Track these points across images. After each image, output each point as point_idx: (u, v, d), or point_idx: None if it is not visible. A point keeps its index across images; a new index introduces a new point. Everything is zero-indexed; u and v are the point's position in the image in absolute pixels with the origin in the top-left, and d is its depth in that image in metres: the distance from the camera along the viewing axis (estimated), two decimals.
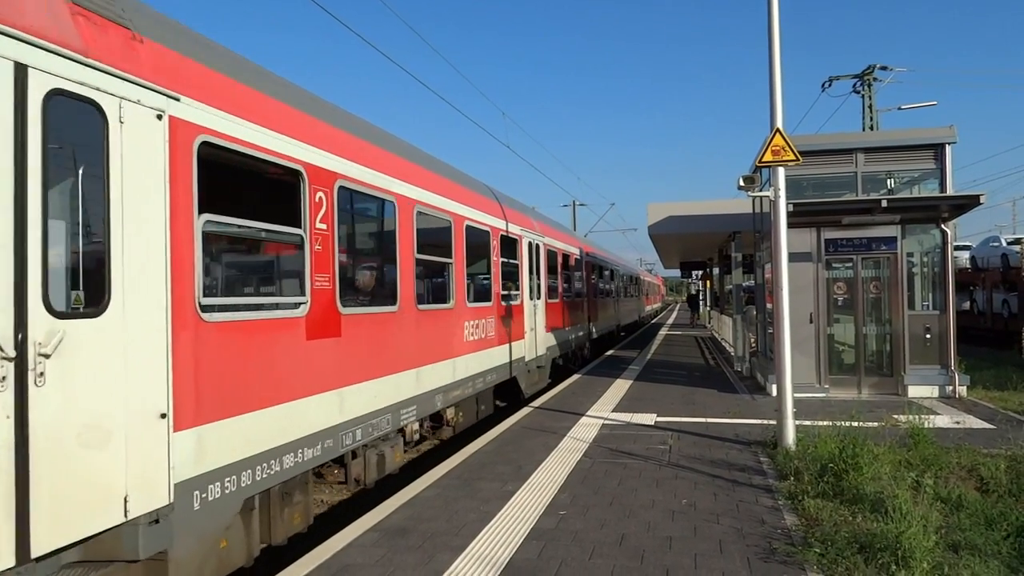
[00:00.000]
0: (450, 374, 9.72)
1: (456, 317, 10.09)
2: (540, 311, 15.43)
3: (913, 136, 13.44)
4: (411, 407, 8.42)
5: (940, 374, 12.89)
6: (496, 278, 12.06)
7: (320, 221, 6.59)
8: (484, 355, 11.34)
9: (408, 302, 8.40)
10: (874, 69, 25.85)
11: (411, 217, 8.70)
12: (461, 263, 10.31)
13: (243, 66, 6.08)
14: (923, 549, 5.05)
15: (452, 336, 9.90)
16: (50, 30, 3.90)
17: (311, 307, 6.35)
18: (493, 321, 11.78)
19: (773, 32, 8.74)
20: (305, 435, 6.20)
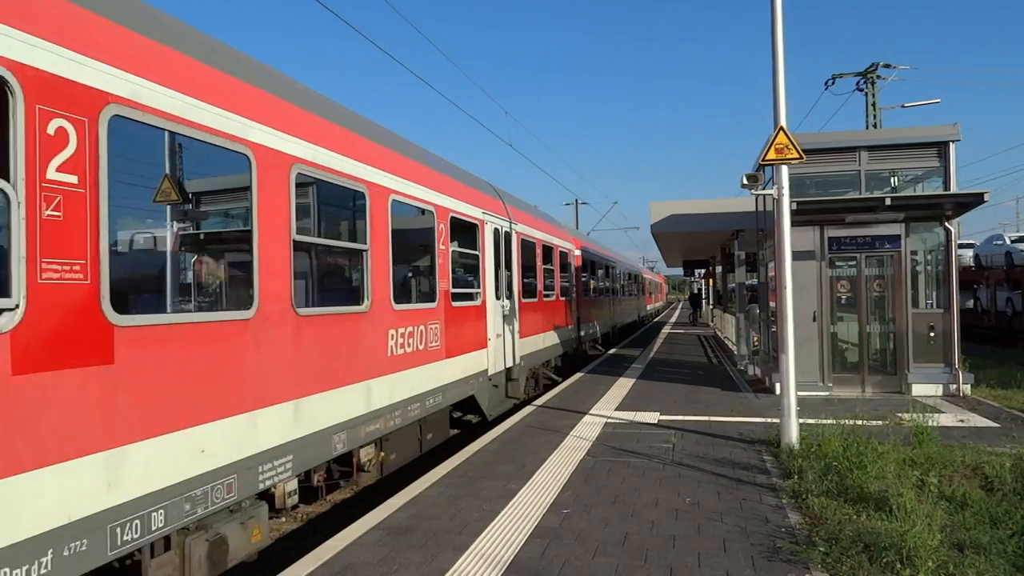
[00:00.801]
0: (363, 402, 7.26)
1: (373, 323, 7.59)
2: (512, 313, 13.15)
3: (917, 134, 13.40)
4: (282, 458, 5.85)
5: (944, 372, 12.85)
6: (443, 272, 9.64)
7: (60, 169, 4.02)
8: (426, 372, 8.93)
9: (276, 304, 5.85)
10: (877, 67, 25.79)
11: (284, 181, 6.08)
12: (383, 251, 7.85)
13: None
14: (928, 548, 5.04)
15: (366, 350, 7.41)
16: None
17: (26, 316, 3.76)
18: (439, 327, 9.39)
19: (777, 30, 8.72)
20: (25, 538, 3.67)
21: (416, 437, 9.21)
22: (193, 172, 5.46)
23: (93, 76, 4.27)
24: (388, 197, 8.05)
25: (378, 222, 7.81)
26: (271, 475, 5.75)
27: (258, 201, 5.69)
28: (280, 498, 6.30)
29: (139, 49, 4.72)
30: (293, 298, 6.10)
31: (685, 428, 10.23)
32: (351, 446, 7.09)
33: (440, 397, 9.40)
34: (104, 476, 4.17)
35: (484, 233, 11.53)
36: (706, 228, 21.91)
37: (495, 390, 12.09)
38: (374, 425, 7.54)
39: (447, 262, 9.81)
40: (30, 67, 3.86)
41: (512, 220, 13.42)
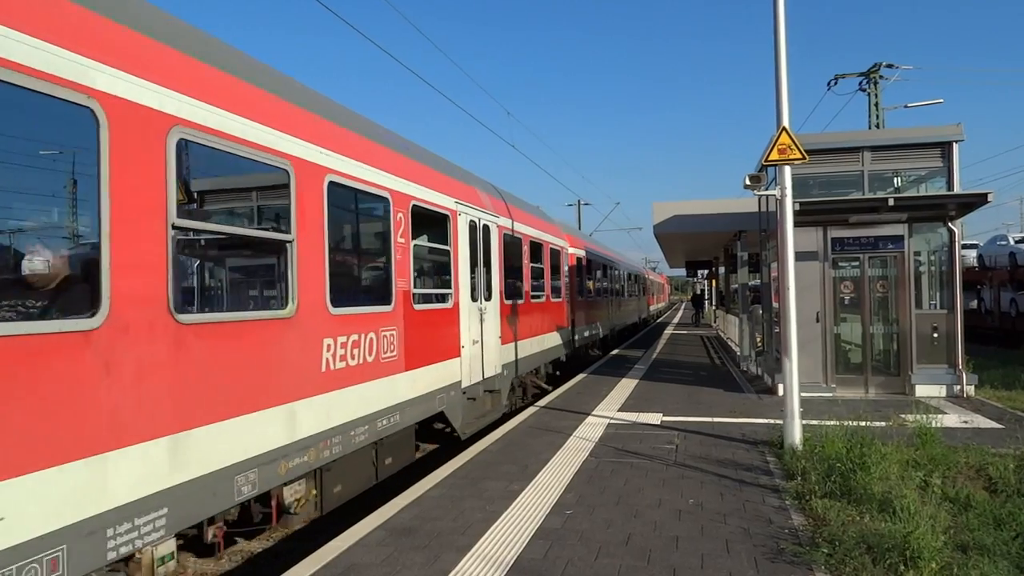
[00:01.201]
0: (284, 430, 5.88)
1: (301, 332, 6.17)
2: (492, 317, 11.62)
3: (920, 134, 13.39)
4: (150, 514, 4.50)
5: (948, 373, 12.83)
6: (402, 269, 8.23)
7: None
8: (377, 388, 7.55)
9: (141, 309, 4.52)
10: (880, 67, 25.75)
11: (156, 150, 4.72)
12: (315, 244, 6.45)
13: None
14: (931, 549, 5.03)
15: (289, 365, 6.01)
16: None
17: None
18: (396, 334, 8.02)
19: (779, 31, 8.71)
20: None
21: (370, 462, 7.86)
22: None
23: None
24: (323, 178, 6.64)
25: (308, 208, 6.36)
26: (129, 538, 4.34)
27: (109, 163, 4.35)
28: (147, 567, 4.73)
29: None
30: (171, 301, 4.74)
31: (688, 429, 10.22)
32: (266, 486, 5.66)
33: (397, 417, 8.00)
34: None
35: (457, 226, 10.07)
36: (709, 229, 21.90)
37: (471, 404, 10.69)
38: (302, 457, 6.12)
39: (407, 258, 8.36)
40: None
41: (493, 213, 11.94)
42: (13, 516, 3.60)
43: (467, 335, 10.34)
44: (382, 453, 8.08)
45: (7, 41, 3.70)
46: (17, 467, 3.63)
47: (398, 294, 8.12)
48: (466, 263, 10.43)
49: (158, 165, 4.70)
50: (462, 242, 10.30)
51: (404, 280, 8.31)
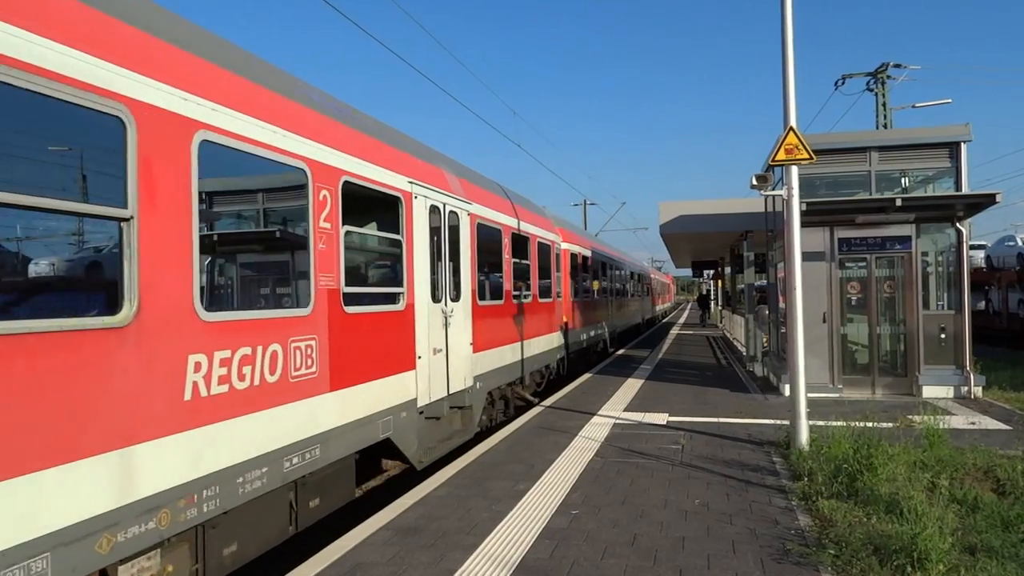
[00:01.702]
0: (114, 486, 4.19)
1: (146, 346, 4.46)
2: (460, 320, 9.87)
3: (928, 134, 13.34)
4: None
5: (955, 374, 12.78)
6: (327, 262, 6.46)
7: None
8: (286, 416, 5.81)
9: None
10: (888, 67, 25.68)
11: None
12: (175, 222, 4.78)
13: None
14: (939, 551, 5.01)
15: (123, 394, 4.27)
16: None
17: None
18: (316, 345, 6.26)
19: (787, 31, 8.69)
20: None
21: (285, 508, 6.14)
22: None
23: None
24: (191, 135, 4.93)
25: (160, 174, 4.64)
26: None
27: None
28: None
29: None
30: None
31: (694, 429, 10.21)
32: (88, 570, 4.00)
33: (318, 450, 6.23)
34: None
35: (411, 211, 8.35)
36: (715, 229, 21.85)
37: (432, 426, 9.05)
38: (146, 523, 4.40)
39: (336, 248, 6.63)
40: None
41: (464, 199, 10.16)
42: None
43: (425, 343, 8.64)
44: (304, 495, 6.38)
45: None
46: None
47: (320, 294, 6.34)
48: (424, 257, 8.66)
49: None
50: (419, 231, 8.56)
51: (330, 276, 6.52)
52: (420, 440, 8.52)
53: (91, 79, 4.13)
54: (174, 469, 4.66)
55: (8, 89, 3.71)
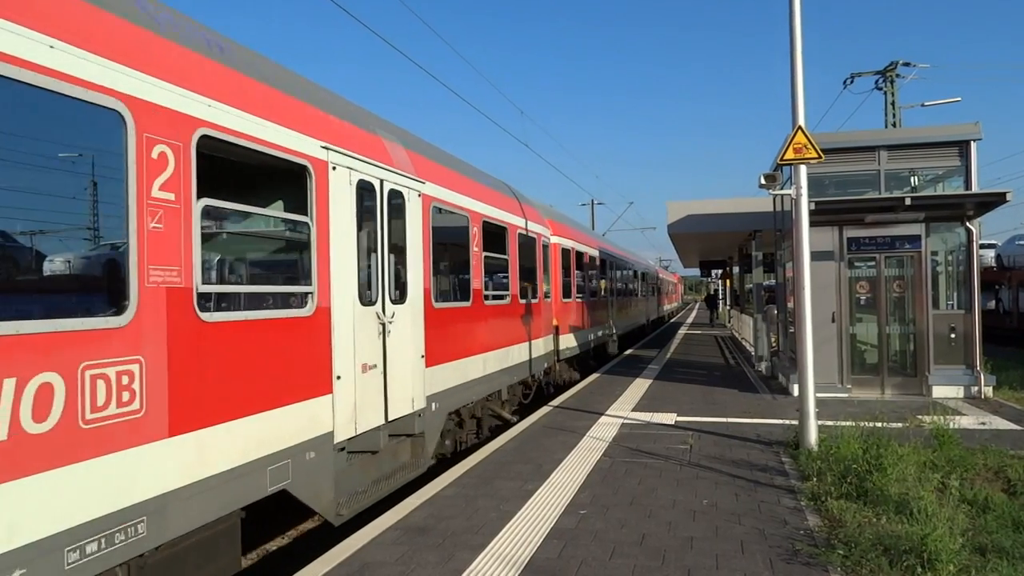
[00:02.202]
0: None
1: None
2: (407, 327, 7.87)
3: (937, 133, 13.29)
4: None
5: (965, 374, 12.72)
6: (163, 250, 4.55)
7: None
8: (70, 483, 3.78)
9: None
10: (897, 65, 25.55)
11: None
12: None
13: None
14: (949, 551, 4.99)
15: None
16: None
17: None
18: (142, 372, 4.29)
19: (795, 31, 8.67)
20: None
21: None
22: None
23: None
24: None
25: None
26: None
27: None
28: None
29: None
30: None
31: (702, 429, 10.19)
32: None
33: (142, 526, 4.22)
34: None
35: (325, 185, 6.35)
36: (723, 228, 21.79)
37: (360, 464, 7.11)
38: None
39: (179, 231, 4.66)
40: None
41: (412, 175, 8.18)
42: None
43: (348, 357, 6.60)
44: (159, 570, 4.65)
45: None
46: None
47: (149, 295, 4.36)
48: (347, 246, 6.63)
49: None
50: (339, 213, 6.54)
51: (170, 270, 4.57)
52: (339, 485, 6.50)
53: None
54: None
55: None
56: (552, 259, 15.55)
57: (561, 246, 16.59)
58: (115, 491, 4.08)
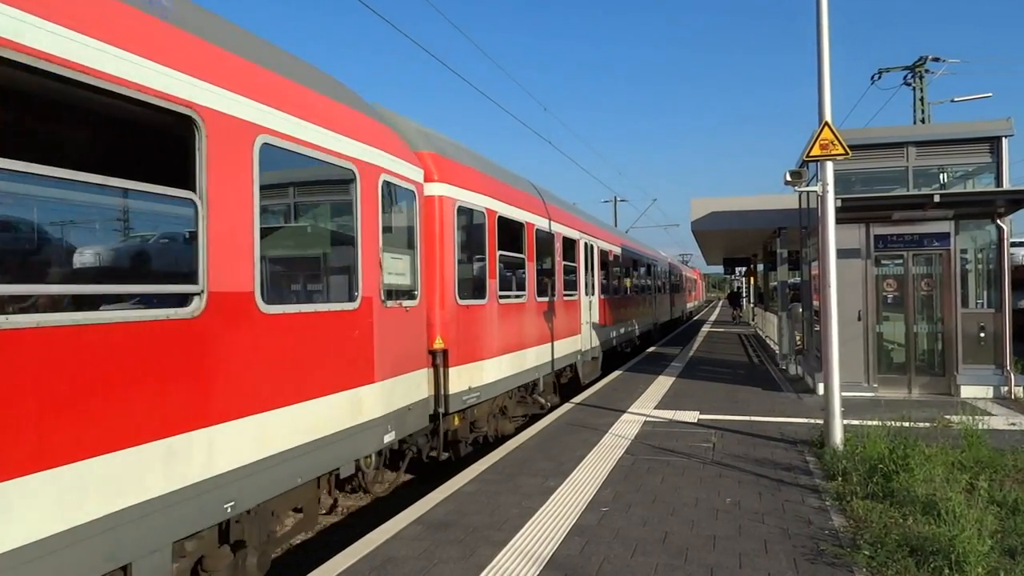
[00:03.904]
0: None
1: None
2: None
3: (967, 129, 13.07)
4: None
5: (995, 374, 12.52)
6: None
7: None
8: None
9: None
10: (926, 60, 25.20)
11: None
12: None
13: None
14: (978, 553, 4.91)
15: None
16: None
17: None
18: None
19: (822, 25, 8.56)
20: None
21: None
22: None
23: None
24: None
25: None
26: None
27: None
28: None
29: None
30: None
31: (725, 428, 10.12)
32: None
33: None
34: None
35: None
36: (748, 226, 21.62)
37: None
38: None
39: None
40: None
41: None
42: None
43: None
44: None
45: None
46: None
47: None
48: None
49: None
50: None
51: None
52: None
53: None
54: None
55: None
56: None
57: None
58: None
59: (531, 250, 11.88)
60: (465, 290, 9.18)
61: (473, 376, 9.18)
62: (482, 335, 9.58)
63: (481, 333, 9.55)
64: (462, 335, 8.94)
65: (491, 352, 9.83)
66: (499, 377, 10.07)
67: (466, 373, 8.99)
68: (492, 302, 9.94)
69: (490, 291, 9.83)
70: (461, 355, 8.88)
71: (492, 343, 9.88)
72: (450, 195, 8.85)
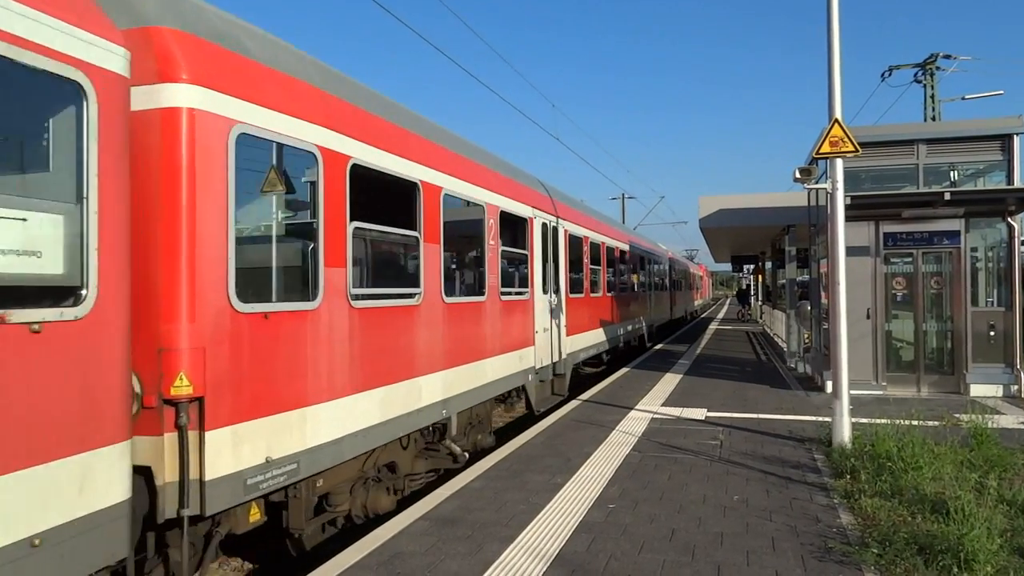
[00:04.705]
0: None
1: None
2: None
3: (978, 126, 13.00)
4: None
5: (1004, 373, 12.46)
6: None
7: None
8: None
9: None
10: (937, 58, 25.01)
11: None
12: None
13: None
14: (987, 552, 4.90)
15: None
16: None
17: None
18: None
19: (832, 21, 8.53)
20: None
21: None
22: None
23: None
24: None
25: None
26: None
27: None
28: None
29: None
30: None
31: (733, 425, 10.10)
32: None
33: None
34: None
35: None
36: (756, 223, 21.57)
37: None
38: None
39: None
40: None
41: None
42: None
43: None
44: None
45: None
46: None
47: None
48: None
49: None
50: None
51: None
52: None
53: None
54: None
55: None
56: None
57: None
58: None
59: (432, 227, 7.92)
60: (258, 285, 5.39)
61: (278, 439, 5.31)
62: (309, 364, 5.71)
63: (304, 361, 5.66)
64: (245, 368, 5.02)
65: (331, 390, 6.00)
66: (351, 430, 6.25)
67: (257, 435, 5.10)
68: (334, 305, 6.10)
69: (327, 287, 5.97)
70: (240, 405, 4.95)
71: (335, 375, 6.08)
72: (214, 109, 4.86)
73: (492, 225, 9.78)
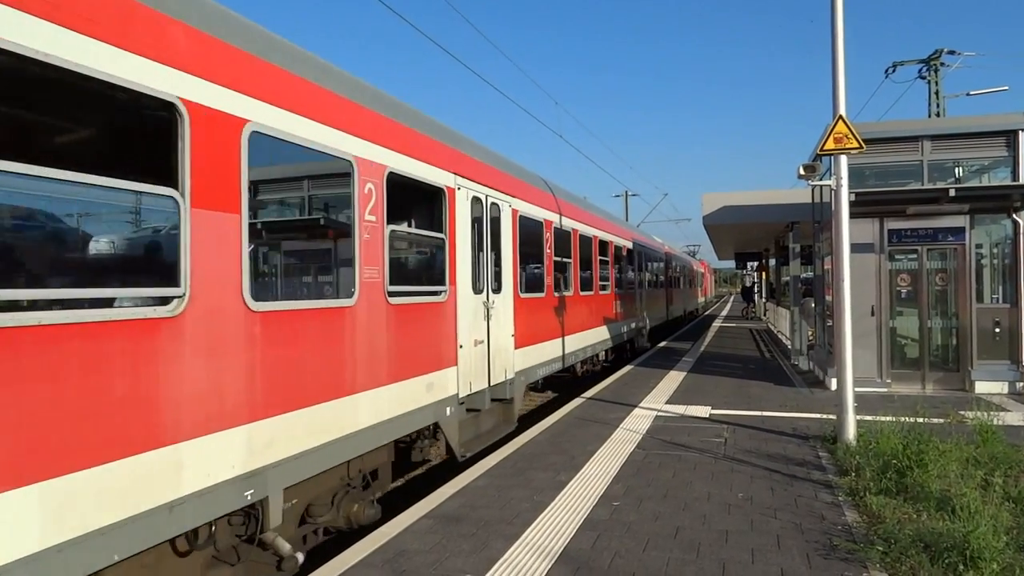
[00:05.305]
0: None
1: None
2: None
3: (983, 123, 12.94)
4: None
5: (1010, 370, 12.42)
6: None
7: None
8: None
9: None
10: (941, 54, 24.95)
11: None
12: None
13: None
14: (993, 549, 4.88)
15: None
16: None
17: None
18: None
19: (836, 16, 8.50)
20: None
21: None
22: None
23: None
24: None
25: None
26: None
27: None
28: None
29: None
30: None
31: (737, 423, 10.09)
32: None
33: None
34: None
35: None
36: (760, 220, 21.53)
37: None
38: None
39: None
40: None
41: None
42: None
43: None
44: None
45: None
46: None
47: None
48: None
49: None
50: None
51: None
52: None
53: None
54: None
55: None
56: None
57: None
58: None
59: (219, 182, 4.75)
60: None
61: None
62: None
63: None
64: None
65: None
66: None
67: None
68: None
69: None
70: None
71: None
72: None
73: (371, 192, 6.60)
